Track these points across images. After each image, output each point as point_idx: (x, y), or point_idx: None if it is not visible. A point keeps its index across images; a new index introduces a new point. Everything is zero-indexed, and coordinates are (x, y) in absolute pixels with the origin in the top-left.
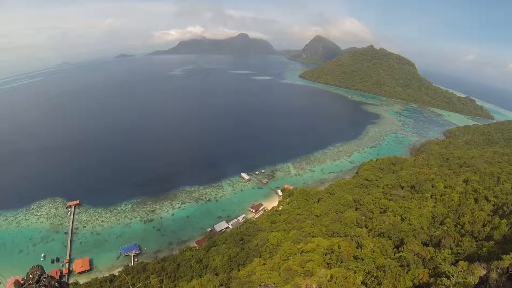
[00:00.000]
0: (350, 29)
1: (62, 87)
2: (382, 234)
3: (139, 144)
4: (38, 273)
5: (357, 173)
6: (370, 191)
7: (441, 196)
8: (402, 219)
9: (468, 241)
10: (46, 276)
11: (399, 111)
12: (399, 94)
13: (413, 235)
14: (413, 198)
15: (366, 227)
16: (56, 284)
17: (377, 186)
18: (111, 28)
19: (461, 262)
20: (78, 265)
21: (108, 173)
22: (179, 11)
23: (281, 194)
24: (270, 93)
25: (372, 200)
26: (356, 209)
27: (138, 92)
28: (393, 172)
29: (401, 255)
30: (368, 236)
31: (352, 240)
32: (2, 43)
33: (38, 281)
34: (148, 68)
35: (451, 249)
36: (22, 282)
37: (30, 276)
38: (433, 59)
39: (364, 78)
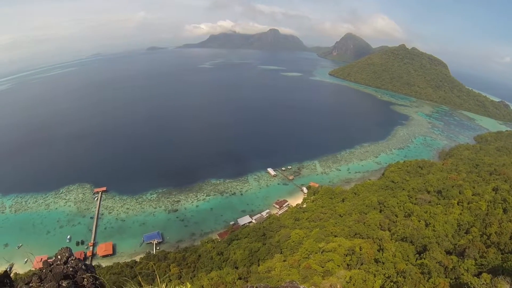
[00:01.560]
0: (382, 27)
1: (94, 77)
2: (405, 239)
3: (167, 135)
4: (67, 254)
5: (383, 174)
6: (395, 193)
7: (468, 203)
8: (427, 225)
9: (494, 253)
10: (73, 258)
11: (429, 113)
12: (429, 96)
13: (436, 242)
14: (439, 204)
15: (389, 231)
16: (83, 267)
17: (403, 189)
18: (143, 21)
19: (484, 274)
20: (102, 249)
21: (136, 162)
22: (210, 5)
23: (306, 192)
24: (299, 90)
25: (397, 203)
26: (380, 211)
27: (168, 84)
28: (420, 176)
29: (422, 262)
30: (391, 239)
31: (374, 242)
32: (40, 34)
33: (66, 262)
34: (178, 61)
35: (475, 259)
36: (50, 262)
37: (59, 257)
38: (467, 60)
39: (395, 78)
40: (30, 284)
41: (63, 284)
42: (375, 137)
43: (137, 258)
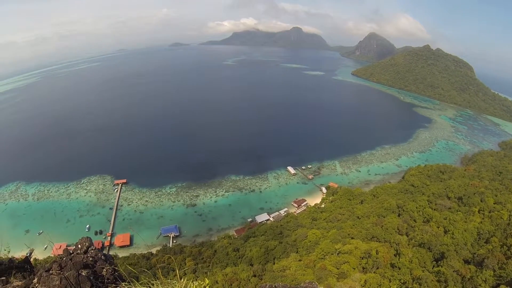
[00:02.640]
0: (406, 27)
1: (117, 72)
2: (422, 245)
3: (189, 129)
4: (87, 244)
5: (403, 177)
6: (415, 198)
7: (489, 212)
8: (445, 232)
9: None
10: (93, 248)
11: (452, 117)
12: (453, 99)
13: (455, 250)
14: (459, 211)
15: (407, 235)
16: (103, 257)
17: (423, 194)
18: (166, 18)
19: (502, 286)
20: (119, 239)
21: (157, 156)
22: (233, 2)
23: (325, 192)
24: (321, 89)
25: (416, 207)
26: (399, 215)
27: (191, 80)
28: (441, 181)
29: (439, 270)
30: (408, 245)
31: (391, 246)
32: (65, 30)
33: (86, 252)
34: (202, 57)
35: (494, 270)
36: (71, 250)
37: (79, 246)
38: (493, 62)
39: (418, 79)
40: (50, 271)
41: (83, 273)
42: (397, 139)
43: (154, 250)
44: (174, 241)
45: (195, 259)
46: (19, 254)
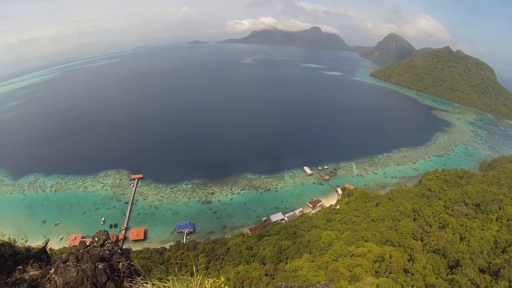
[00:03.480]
0: (425, 28)
1: (137, 68)
2: (437, 251)
3: (206, 127)
4: (104, 237)
5: (420, 181)
6: (431, 202)
7: (507, 220)
8: (461, 239)
9: None
10: (110, 241)
11: (472, 121)
12: (473, 102)
13: (470, 258)
14: (476, 218)
15: (422, 241)
16: (119, 251)
17: (439, 199)
18: (186, 15)
19: None
20: (134, 233)
21: (174, 152)
22: (252, 1)
23: (340, 193)
24: (339, 89)
25: (432, 212)
26: (414, 220)
27: (209, 77)
28: (458, 186)
29: (453, 278)
30: (422, 250)
31: (405, 251)
32: (85, 27)
33: (102, 245)
34: (220, 55)
35: (510, 281)
36: (87, 243)
37: (96, 239)
38: None
39: (437, 81)
40: (67, 263)
41: (99, 266)
42: (414, 142)
43: (167, 246)
44: (188, 237)
45: (208, 256)
46: (35, 243)
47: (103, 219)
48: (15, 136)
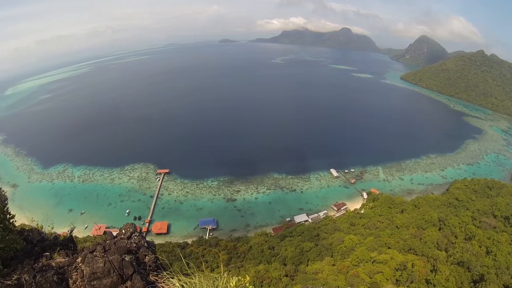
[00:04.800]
0: (458, 30)
1: (166, 65)
2: (461, 264)
3: (234, 125)
4: (131, 230)
5: (447, 190)
6: (458, 212)
7: None
8: (487, 253)
9: None
10: (137, 234)
11: (505, 129)
12: (507, 109)
13: (495, 274)
14: (505, 231)
15: (446, 251)
16: (145, 244)
17: (467, 209)
18: (216, 14)
19: None
20: (157, 227)
21: (201, 149)
22: (282, 1)
23: (366, 197)
24: (369, 92)
25: (459, 223)
26: (439, 229)
27: (238, 76)
28: (488, 197)
29: None
30: (446, 261)
31: (428, 261)
32: (117, 24)
33: (129, 238)
34: (250, 54)
35: None
36: (115, 234)
37: (123, 231)
38: None
39: (470, 86)
40: (95, 253)
41: (126, 258)
42: (443, 149)
43: (189, 241)
44: (211, 234)
45: (229, 253)
46: (61, 230)
47: (127, 211)
48: (47, 128)
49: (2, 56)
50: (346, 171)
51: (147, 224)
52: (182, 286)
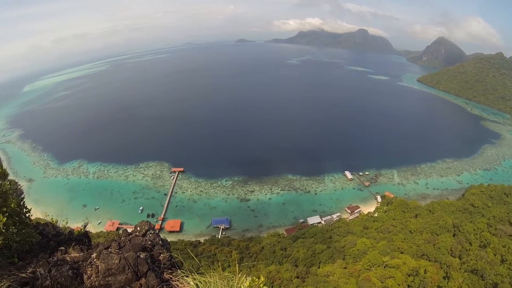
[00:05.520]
0: (477, 32)
1: (182, 64)
2: (475, 271)
3: (249, 125)
4: (146, 228)
5: (463, 195)
6: (473, 219)
7: None
8: (502, 261)
9: None
10: (152, 232)
11: None
12: None
13: (510, 283)
14: None
15: (460, 258)
16: (160, 242)
17: (483, 216)
18: (233, 14)
19: None
20: (170, 224)
21: (216, 148)
22: (298, 1)
23: (380, 201)
24: (385, 94)
25: (474, 230)
26: (454, 236)
27: (254, 76)
28: (504, 204)
29: None
30: (459, 269)
31: (441, 268)
32: (134, 23)
33: (144, 235)
34: (266, 55)
35: None
36: (130, 232)
37: (138, 228)
38: None
39: (488, 90)
40: (109, 249)
41: (141, 256)
42: (460, 153)
43: (201, 239)
44: (224, 233)
45: (241, 253)
46: (74, 225)
47: (141, 208)
48: (63, 124)
49: (19, 54)
50: (360, 173)
51: (160, 221)
52: (197, 285)
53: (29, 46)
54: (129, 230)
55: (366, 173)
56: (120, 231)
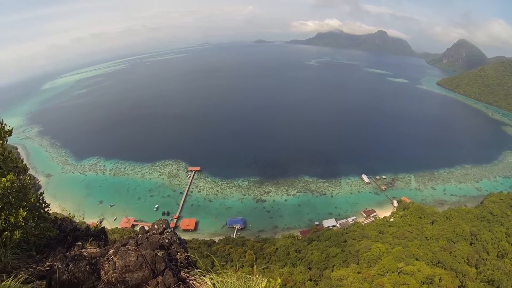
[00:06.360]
0: (498, 34)
1: (200, 64)
2: (491, 282)
3: (265, 126)
4: (163, 226)
5: (481, 203)
6: (491, 227)
7: None
8: None
9: None
10: (169, 230)
11: None
12: None
13: None
14: None
15: (476, 268)
16: (177, 241)
17: (501, 224)
18: (251, 15)
19: None
20: (185, 223)
21: (233, 149)
22: (317, 2)
23: (396, 206)
24: (403, 97)
25: (492, 239)
26: (471, 244)
27: (272, 77)
28: None
29: None
30: (476, 278)
31: (457, 277)
32: (152, 23)
33: (161, 233)
34: (285, 56)
35: None
36: (147, 229)
37: (155, 226)
38: None
39: (510, 94)
40: (127, 246)
41: (159, 254)
42: (479, 159)
43: (216, 239)
44: (238, 233)
45: (255, 254)
46: (90, 221)
47: (156, 206)
48: (81, 121)
49: (39, 52)
50: (377, 177)
51: (175, 220)
52: (214, 284)
53: (49, 45)
54: (145, 228)
55: (383, 177)
56: (137, 229)
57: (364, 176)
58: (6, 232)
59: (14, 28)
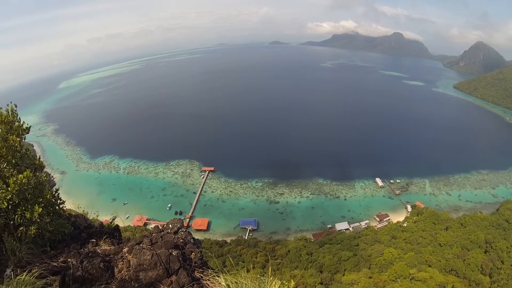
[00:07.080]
0: None
1: (216, 64)
2: None
3: (280, 127)
4: (178, 225)
5: (497, 210)
6: (507, 235)
7: None
8: None
9: None
10: (184, 230)
11: None
12: None
13: None
14: None
15: (490, 277)
16: (192, 240)
17: None
18: (267, 16)
19: None
20: (197, 223)
21: (247, 150)
22: (332, 4)
23: (410, 210)
24: (419, 100)
25: (507, 247)
26: (485, 252)
27: (287, 78)
28: None
29: None
30: (489, 287)
31: (470, 285)
32: (168, 24)
33: (176, 233)
34: (300, 57)
35: None
36: (161, 228)
37: (170, 226)
38: None
39: None
40: (141, 245)
41: (173, 253)
42: (496, 165)
43: (228, 239)
44: (251, 234)
45: (267, 255)
46: (103, 218)
47: (169, 205)
48: (96, 120)
49: (56, 52)
50: (391, 181)
51: (188, 219)
52: (228, 285)
53: (66, 45)
54: (159, 227)
55: (397, 181)
56: (149, 227)
57: (378, 180)
58: (22, 228)
59: (34, 29)
